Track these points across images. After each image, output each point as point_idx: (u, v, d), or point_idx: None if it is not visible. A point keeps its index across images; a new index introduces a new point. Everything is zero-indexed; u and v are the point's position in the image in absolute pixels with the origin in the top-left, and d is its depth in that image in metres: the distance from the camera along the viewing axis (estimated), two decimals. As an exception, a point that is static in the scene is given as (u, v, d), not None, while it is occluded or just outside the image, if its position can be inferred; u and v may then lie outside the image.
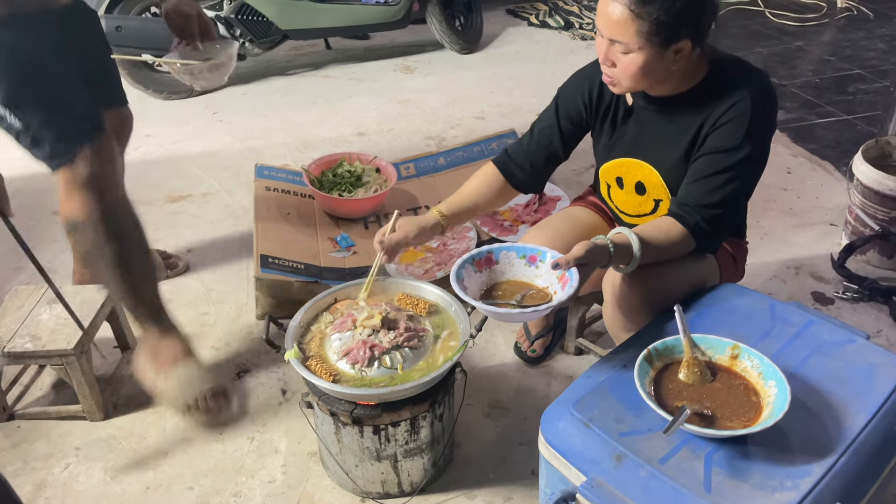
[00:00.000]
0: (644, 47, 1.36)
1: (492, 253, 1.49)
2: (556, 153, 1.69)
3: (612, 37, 1.38)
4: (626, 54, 1.39)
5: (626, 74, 1.41)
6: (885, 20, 4.67)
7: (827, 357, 1.32)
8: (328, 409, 1.54)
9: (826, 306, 2.25)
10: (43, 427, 1.87)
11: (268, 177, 2.64)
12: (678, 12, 1.34)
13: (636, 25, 1.34)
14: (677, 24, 1.35)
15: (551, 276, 1.43)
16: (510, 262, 1.50)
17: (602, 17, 1.39)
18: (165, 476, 1.74)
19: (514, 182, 1.70)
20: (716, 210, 1.45)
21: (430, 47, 4.41)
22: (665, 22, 1.33)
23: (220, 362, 2.08)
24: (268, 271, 2.13)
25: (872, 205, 2.32)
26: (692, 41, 1.39)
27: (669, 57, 1.39)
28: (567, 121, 1.66)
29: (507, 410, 1.90)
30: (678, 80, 1.47)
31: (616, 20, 1.35)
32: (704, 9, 1.38)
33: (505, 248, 1.50)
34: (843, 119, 3.44)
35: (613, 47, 1.40)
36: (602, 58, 1.43)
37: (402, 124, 3.52)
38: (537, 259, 1.48)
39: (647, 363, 1.25)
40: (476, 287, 1.47)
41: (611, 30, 1.37)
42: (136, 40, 3.53)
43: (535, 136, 1.69)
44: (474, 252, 1.49)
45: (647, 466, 1.13)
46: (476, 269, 1.48)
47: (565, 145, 1.69)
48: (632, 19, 1.34)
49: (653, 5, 1.32)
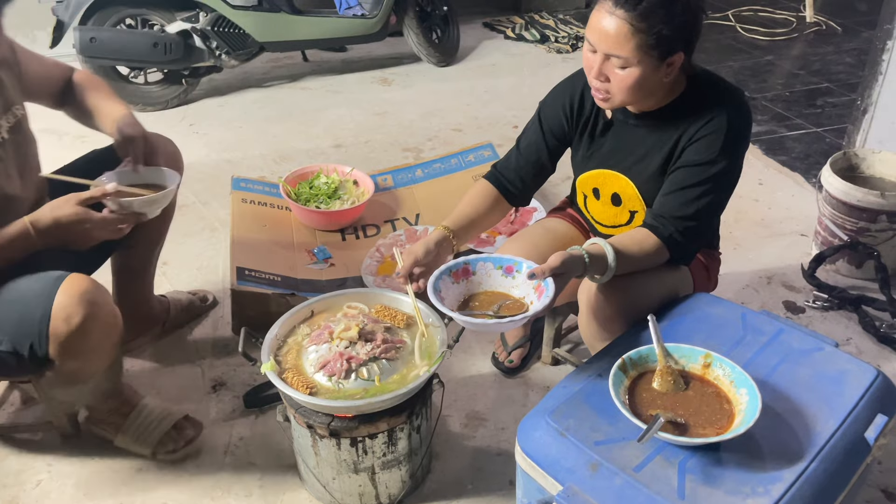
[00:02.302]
0: (642, 61, 1.36)
1: (468, 264, 1.50)
2: (544, 166, 1.70)
3: (609, 52, 1.37)
4: (623, 69, 1.38)
5: (621, 89, 1.41)
6: (853, 35, 4.78)
7: (797, 365, 1.35)
8: (305, 421, 1.53)
9: (797, 315, 2.29)
10: (14, 443, 1.84)
11: (244, 189, 2.63)
12: (679, 25, 1.35)
13: (636, 40, 1.34)
14: (676, 36, 1.36)
15: (527, 286, 1.44)
16: (487, 272, 1.50)
17: (596, 32, 1.38)
18: (139, 491, 1.72)
19: (508, 197, 1.70)
20: (690, 222, 1.47)
21: (407, 60, 4.43)
22: (666, 35, 1.34)
23: (196, 376, 2.06)
24: (244, 283, 2.12)
25: (841, 215, 2.37)
26: (685, 53, 1.41)
27: (663, 70, 1.40)
28: (551, 134, 1.67)
29: (484, 421, 1.91)
30: (662, 95, 1.49)
31: (614, 35, 1.35)
32: (698, 20, 1.40)
33: (482, 259, 1.51)
34: (812, 131, 3.51)
35: (609, 62, 1.39)
36: (595, 73, 1.42)
37: (379, 136, 3.53)
38: (514, 269, 1.49)
39: (622, 372, 1.27)
40: (453, 298, 1.47)
41: (608, 45, 1.36)
42: (111, 51, 3.51)
43: (522, 151, 1.70)
44: (451, 264, 1.49)
45: (622, 474, 1.14)
46: (453, 281, 1.49)
47: (552, 158, 1.70)
48: (632, 34, 1.34)
49: (654, 19, 1.33)
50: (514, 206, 1.74)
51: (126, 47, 3.52)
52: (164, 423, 1.78)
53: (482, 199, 1.69)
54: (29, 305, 1.46)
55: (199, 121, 3.70)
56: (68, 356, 1.49)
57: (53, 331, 1.44)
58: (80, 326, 1.45)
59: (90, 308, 1.45)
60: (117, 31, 3.54)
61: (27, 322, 1.46)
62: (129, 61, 3.62)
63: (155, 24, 3.64)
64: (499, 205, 1.70)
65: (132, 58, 3.57)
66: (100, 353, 1.55)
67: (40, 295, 1.46)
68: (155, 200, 1.60)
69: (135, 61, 3.61)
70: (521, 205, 1.75)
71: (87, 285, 1.47)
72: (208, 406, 1.96)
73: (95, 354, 1.55)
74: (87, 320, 1.45)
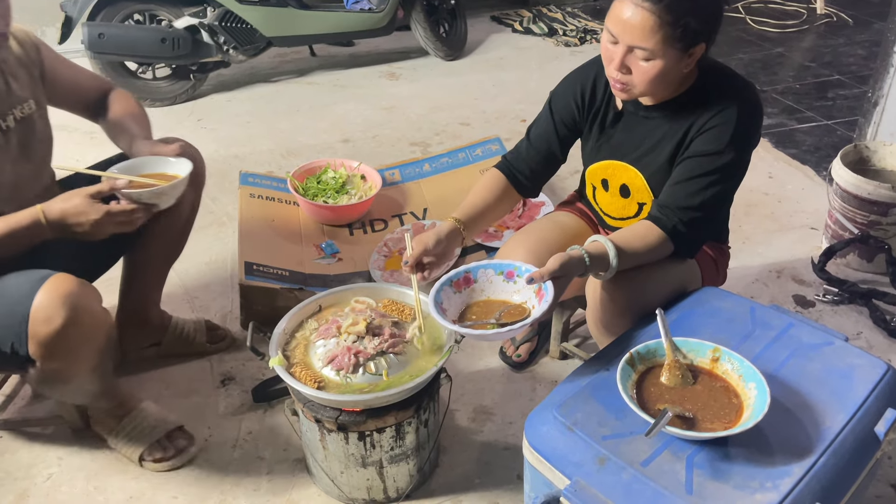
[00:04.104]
0: (666, 53, 1.36)
1: (469, 272, 1.49)
2: (554, 156, 1.70)
3: (632, 43, 1.36)
4: (646, 61, 1.37)
5: (643, 80, 1.40)
6: (864, 26, 4.74)
7: (806, 359, 1.34)
8: (313, 415, 1.53)
9: (807, 309, 2.27)
10: (25, 437, 1.85)
11: (252, 184, 2.63)
12: (705, 16, 1.35)
13: (662, 32, 1.33)
14: (700, 28, 1.35)
15: (529, 290, 1.43)
16: (488, 279, 1.49)
17: (619, 23, 1.36)
18: (149, 484, 1.73)
19: (518, 187, 1.70)
20: (695, 213, 1.46)
21: (414, 54, 4.43)
22: (692, 27, 1.33)
23: (205, 370, 2.07)
24: (252, 278, 2.13)
25: (851, 209, 2.35)
26: (706, 44, 1.40)
27: (685, 61, 1.40)
28: (562, 124, 1.67)
29: (492, 415, 1.91)
30: (675, 86, 1.48)
31: (640, 27, 1.33)
32: (721, 11, 1.40)
33: (482, 266, 1.49)
34: (822, 124, 3.48)
35: (632, 54, 1.38)
36: (616, 64, 1.40)
37: (386, 131, 3.53)
38: (514, 274, 1.48)
39: (630, 366, 1.26)
40: (455, 308, 1.46)
41: (632, 36, 1.35)
42: (119, 47, 3.52)
43: (533, 141, 1.70)
44: (452, 274, 1.47)
45: (630, 469, 1.14)
46: (455, 291, 1.47)
47: (563, 148, 1.70)
48: (658, 26, 1.32)
49: (681, 11, 1.32)
50: (524, 197, 1.73)
51: (134, 43, 3.54)
52: (155, 430, 1.77)
53: (492, 189, 1.68)
54: (11, 303, 1.44)
55: (206, 116, 3.71)
56: (48, 357, 1.46)
57: (32, 331, 1.42)
58: (61, 328, 1.41)
59: (72, 310, 1.42)
60: (125, 27, 3.55)
61: (8, 320, 1.44)
62: (137, 57, 3.64)
63: (163, 19, 3.65)
64: (508, 195, 1.70)
65: (140, 53, 3.59)
66: (82, 355, 1.51)
67: (23, 294, 1.43)
68: (165, 191, 1.58)
69: (143, 57, 3.63)
70: (531, 196, 1.75)
71: (71, 286, 1.43)
72: (217, 400, 1.96)
73: (77, 356, 1.50)
74: (68, 322, 1.41)
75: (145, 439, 1.76)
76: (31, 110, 1.63)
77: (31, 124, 1.64)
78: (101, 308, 1.53)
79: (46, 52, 1.70)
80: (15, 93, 1.59)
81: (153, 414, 1.80)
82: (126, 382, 1.96)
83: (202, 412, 1.93)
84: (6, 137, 1.58)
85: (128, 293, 1.99)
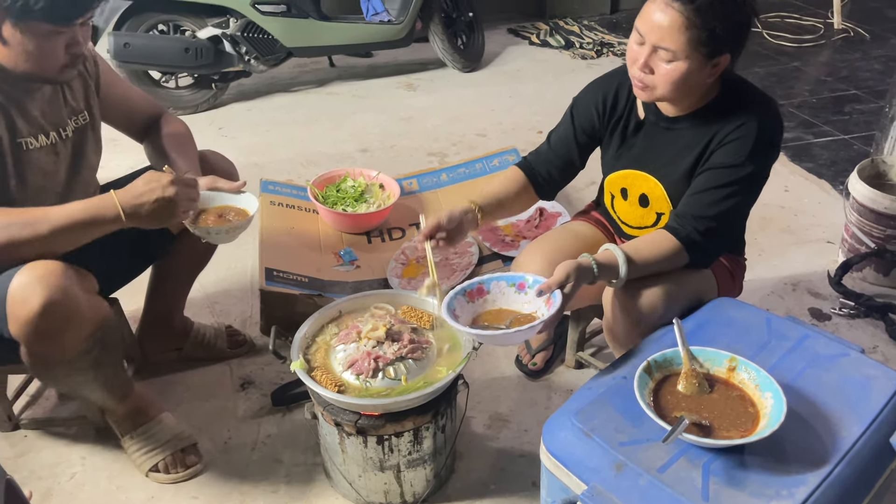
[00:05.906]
0: (691, 56, 1.38)
1: (483, 284, 1.53)
2: (573, 163, 1.73)
3: (658, 43, 1.39)
4: (669, 62, 1.40)
5: (664, 82, 1.42)
6: (881, 41, 4.73)
7: (822, 370, 1.35)
8: (332, 419, 1.56)
9: (823, 322, 2.28)
10: (49, 436, 1.89)
11: (273, 191, 2.67)
12: (733, 25, 1.37)
13: (689, 34, 1.35)
14: (727, 36, 1.37)
15: (539, 301, 1.47)
16: (501, 290, 1.53)
17: (648, 22, 1.39)
18: (170, 485, 1.76)
19: (536, 187, 1.73)
20: (710, 223, 1.48)
21: (432, 65, 4.47)
22: (719, 34, 1.36)
23: (224, 374, 2.10)
24: (272, 284, 2.16)
25: (868, 223, 2.35)
26: (732, 56, 1.42)
27: (708, 70, 1.42)
28: (582, 131, 1.69)
29: (507, 422, 1.92)
30: (698, 97, 1.50)
31: (668, 27, 1.36)
32: (750, 25, 1.42)
33: (495, 278, 1.54)
34: (839, 138, 3.48)
35: (656, 55, 1.40)
36: (640, 63, 1.43)
37: (404, 141, 3.56)
38: (525, 286, 1.52)
39: (647, 374, 1.28)
40: (467, 315, 1.50)
41: (659, 36, 1.38)
42: (144, 56, 3.59)
43: (553, 145, 1.73)
44: (466, 284, 1.52)
45: (647, 475, 1.15)
46: (468, 300, 1.52)
47: (582, 155, 1.73)
48: (686, 27, 1.35)
49: (710, 15, 1.34)
50: (541, 198, 1.76)
51: (159, 52, 3.60)
52: (168, 445, 1.77)
53: (511, 182, 1.72)
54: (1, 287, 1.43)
55: (227, 124, 3.76)
56: (30, 340, 1.44)
57: (10, 311, 1.41)
58: (40, 309, 1.39)
59: (50, 291, 1.39)
60: (150, 37, 3.61)
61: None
62: (161, 66, 3.70)
63: (186, 29, 3.71)
64: (526, 192, 1.73)
65: (164, 62, 3.65)
66: (65, 340, 1.48)
67: (7, 275, 1.42)
68: (242, 226, 1.64)
69: (167, 66, 3.69)
70: (547, 198, 1.77)
71: (51, 268, 1.41)
72: (236, 404, 2.00)
73: (59, 341, 1.47)
74: (46, 304, 1.39)
75: (157, 454, 1.76)
76: (85, 121, 1.67)
77: (85, 135, 1.67)
78: (89, 295, 1.51)
79: (103, 65, 1.73)
80: (71, 104, 1.64)
81: (170, 428, 1.80)
82: (148, 385, 2.00)
83: (222, 415, 1.96)
84: (64, 146, 1.62)
85: (154, 299, 2.03)
